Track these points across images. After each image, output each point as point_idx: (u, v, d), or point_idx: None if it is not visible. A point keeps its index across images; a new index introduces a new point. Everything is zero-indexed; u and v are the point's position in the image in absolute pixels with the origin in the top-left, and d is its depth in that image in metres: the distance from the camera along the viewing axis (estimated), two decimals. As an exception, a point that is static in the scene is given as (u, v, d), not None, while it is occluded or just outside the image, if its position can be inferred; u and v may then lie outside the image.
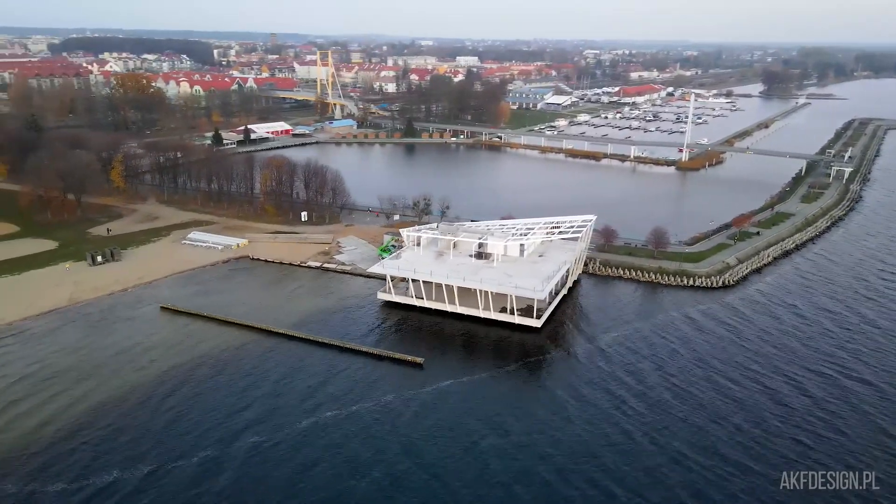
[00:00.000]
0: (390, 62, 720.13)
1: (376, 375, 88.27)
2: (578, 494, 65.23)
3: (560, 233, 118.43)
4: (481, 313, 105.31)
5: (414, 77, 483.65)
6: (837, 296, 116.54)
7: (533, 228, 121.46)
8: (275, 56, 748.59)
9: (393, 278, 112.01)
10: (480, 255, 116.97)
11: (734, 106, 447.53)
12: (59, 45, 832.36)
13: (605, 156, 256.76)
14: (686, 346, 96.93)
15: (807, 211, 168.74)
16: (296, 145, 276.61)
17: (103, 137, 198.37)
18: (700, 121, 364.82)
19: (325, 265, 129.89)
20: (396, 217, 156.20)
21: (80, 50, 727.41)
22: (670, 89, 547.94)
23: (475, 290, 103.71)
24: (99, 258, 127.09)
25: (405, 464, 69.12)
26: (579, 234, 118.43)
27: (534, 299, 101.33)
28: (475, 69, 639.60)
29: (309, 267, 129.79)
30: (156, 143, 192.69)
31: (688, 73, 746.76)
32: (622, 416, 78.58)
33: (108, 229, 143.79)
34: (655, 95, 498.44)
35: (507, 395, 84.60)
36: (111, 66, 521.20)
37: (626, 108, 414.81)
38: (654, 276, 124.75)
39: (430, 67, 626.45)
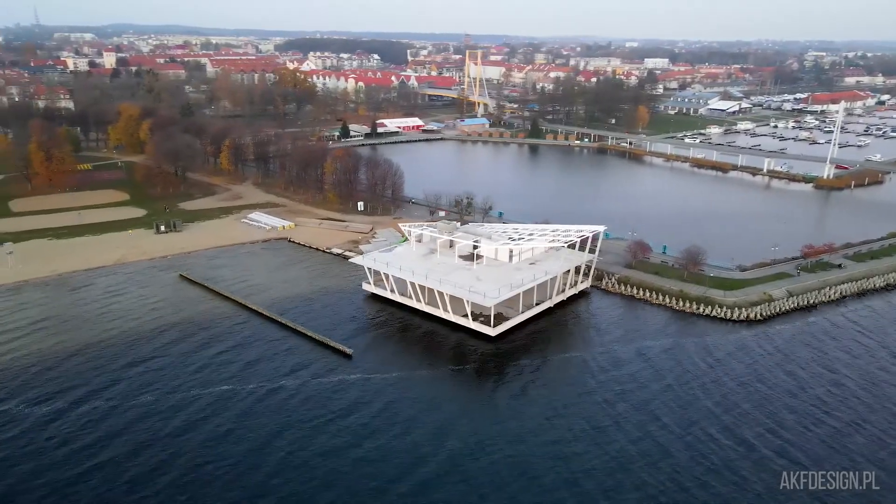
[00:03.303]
0: (572, 63, 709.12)
1: (298, 359, 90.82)
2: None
3: (552, 241, 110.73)
4: (443, 314, 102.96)
5: (580, 78, 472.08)
6: (871, 355, 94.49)
7: (534, 234, 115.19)
8: (458, 56, 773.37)
9: (373, 271, 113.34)
10: (472, 257, 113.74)
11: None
12: (282, 45, 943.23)
13: (735, 167, 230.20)
14: (629, 383, 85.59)
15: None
16: (419, 140, 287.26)
17: (221, 123, 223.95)
18: (895, 134, 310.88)
19: (346, 253, 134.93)
20: (442, 213, 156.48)
21: (294, 49, 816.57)
22: (886, 97, 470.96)
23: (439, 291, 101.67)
24: (162, 228, 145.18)
25: (217, 450, 70.71)
26: (568, 243, 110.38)
27: (490, 307, 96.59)
28: (658, 71, 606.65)
29: (331, 253, 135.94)
30: (259, 132, 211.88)
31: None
32: (477, 438, 73.15)
33: (165, 207, 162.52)
34: (859, 104, 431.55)
35: (398, 397, 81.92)
36: (307, 65, 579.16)
37: (808, 117, 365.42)
38: (670, 300, 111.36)
39: (608, 70, 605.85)
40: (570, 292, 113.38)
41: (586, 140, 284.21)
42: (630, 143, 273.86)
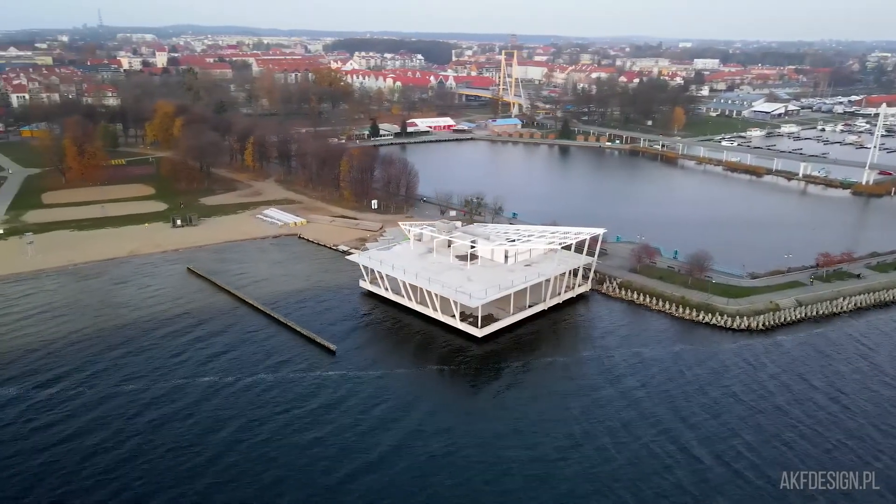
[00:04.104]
0: (618, 63, 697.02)
1: (279, 352, 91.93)
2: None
3: (550, 243, 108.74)
4: (432, 314, 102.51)
5: (623, 79, 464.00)
6: (865, 369, 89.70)
7: (532, 236, 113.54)
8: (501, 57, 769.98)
9: (369, 269, 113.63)
10: (468, 257, 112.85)
11: None
12: (330, 45, 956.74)
13: (769, 172, 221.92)
14: (592, 387, 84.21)
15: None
16: (448, 140, 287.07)
17: (248, 121, 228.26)
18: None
19: (350, 250, 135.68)
20: (453, 213, 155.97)
21: (341, 49, 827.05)
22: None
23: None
24: (178, 222, 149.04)
25: (171, 433, 72.96)
26: (566, 245, 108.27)
27: (476, 307, 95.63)
28: (706, 72, 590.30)
29: (336, 250, 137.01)
30: (290, 129, 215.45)
31: None
32: (418, 434, 72.79)
33: (181, 203, 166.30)
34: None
35: (361, 391, 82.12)
36: (350, 64, 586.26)
37: (860, 120, 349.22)
38: (669, 306, 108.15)
39: (653, 70, 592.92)
40: (566, 295, 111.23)
41: (618, 142, 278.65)
42: (663, 146, 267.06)
